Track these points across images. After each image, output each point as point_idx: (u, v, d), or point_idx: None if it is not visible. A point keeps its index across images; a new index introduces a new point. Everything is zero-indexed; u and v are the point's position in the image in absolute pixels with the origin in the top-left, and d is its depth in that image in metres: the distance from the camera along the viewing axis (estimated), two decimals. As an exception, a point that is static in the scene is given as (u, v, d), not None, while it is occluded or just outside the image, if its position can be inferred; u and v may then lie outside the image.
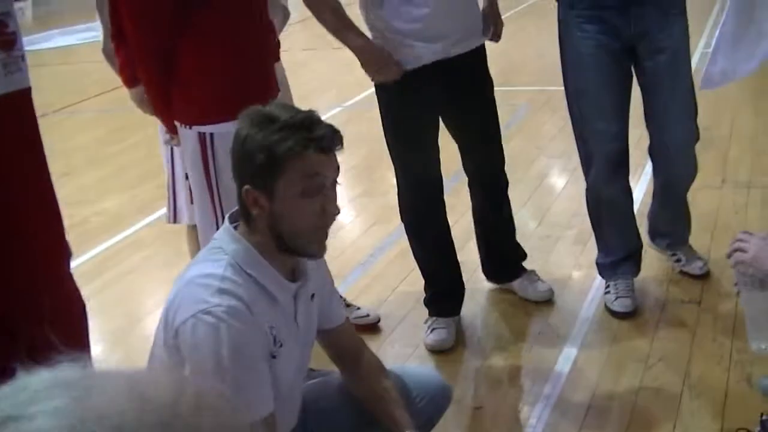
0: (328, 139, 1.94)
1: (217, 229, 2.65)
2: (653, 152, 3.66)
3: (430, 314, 3.63)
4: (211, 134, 2.70)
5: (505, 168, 3.74)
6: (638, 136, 3.92)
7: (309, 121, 1.93)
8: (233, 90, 2.68)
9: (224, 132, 2.62)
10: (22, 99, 0.92)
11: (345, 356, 2.35)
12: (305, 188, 1.94)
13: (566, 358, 3.36)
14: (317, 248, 2.04)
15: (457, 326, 3.61)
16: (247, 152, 1.94)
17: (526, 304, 3.80)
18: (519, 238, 3.96)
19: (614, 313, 3.65)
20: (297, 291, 2.08)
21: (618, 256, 3.72)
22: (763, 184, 4.73)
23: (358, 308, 3.73)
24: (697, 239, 3.99)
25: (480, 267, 3.94)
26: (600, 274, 3.81)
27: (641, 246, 3.81)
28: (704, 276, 3.85)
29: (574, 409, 3.03)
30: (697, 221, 4.07)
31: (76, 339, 1.07)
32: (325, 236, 2.02)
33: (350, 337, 2.39)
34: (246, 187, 1.96)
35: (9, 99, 0.90)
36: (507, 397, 3.17)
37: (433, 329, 3.56)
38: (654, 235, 4.04)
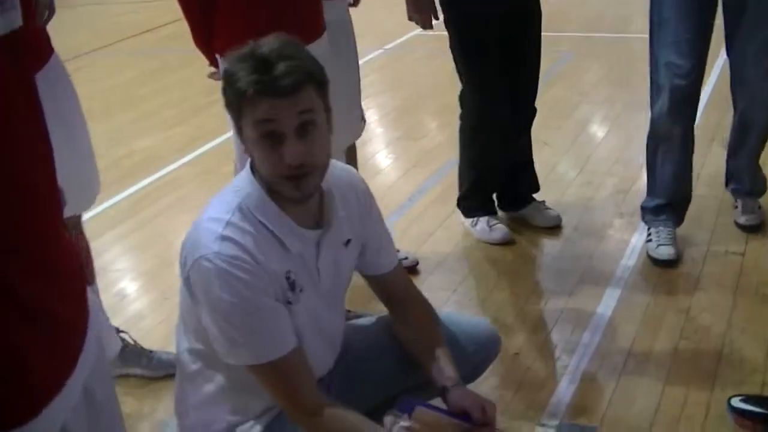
0: (281, 81, 1.81)
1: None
2: (734, 85, 3.58)
3: (480, 215, 3.91)
4: None
5: (547, 114, 3.68)
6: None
7: (269, 60, 1.82)
8: (276, 24, 2.60)
9: None
10: (17, 39, 0.88)
11: (393, 301, 2.32)
12: (260, 134, 1.86)
13: (606, 306, 3.30)
14: (291, 192, 1.92)
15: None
16: (224, 92, 1.91)
17: (567, 249, 3.75)
18: (559, 185, 3.89)
19: (656, 261, 3.59)
20: (319, 238, 2.04)
21: (664, 200, 3.66)
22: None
23: (397, 251, 3.68)
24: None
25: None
26: (642, 218, 3.76)
27: (689, 199, 3.73)
28: (751, 228, 3.77)
29: (613, 358, 2.98)
30: None
31: (73, 295, 1.04)
32: (298, 180, 1.90)
33: (399, 284, 2.33)
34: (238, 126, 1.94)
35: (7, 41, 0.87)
36: (545, 344, 3.12)
37: (493, 226, 3.87)
38: (728, 178, 3.95)
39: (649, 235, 3.68)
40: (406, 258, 3.65)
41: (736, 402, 2.65)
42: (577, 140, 5.00)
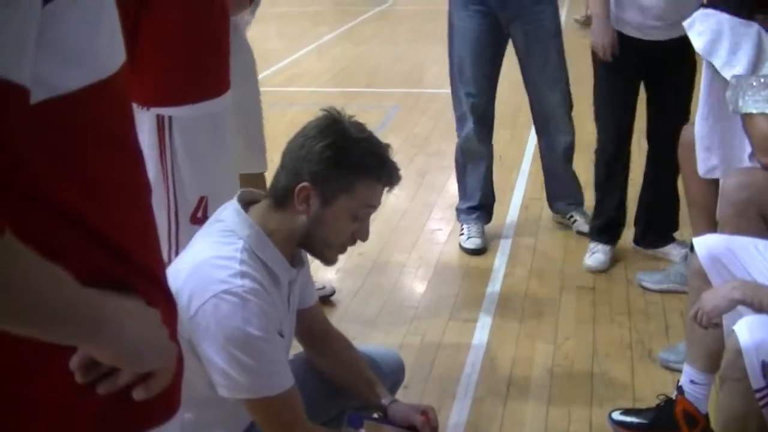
0: (396, 179, 2.10)
1: (169, 220, 2.69)
2: (534, 116, 4.46)
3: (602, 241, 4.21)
4: (170, 117, 2.63)
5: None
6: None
7: (388, 155, 2.08)
8: (193, 73, 2.65)
9: (183, 116, 2.61)
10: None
11: (314, 334, 2.43)
12: (359, 213, 2.08)
13: (479, 341, 3.52)
14: (331, 259, 2.17)
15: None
16: (324, 156, 2.01)
17: (433, 287, 3.98)
18: (409, 233, 4.08)
19: (466, 250, 4.34)
20: (295, 277, 2.17)
21: (475, 202, 4.45)
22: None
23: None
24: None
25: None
26: (457, 218, 4.53)
27: (493, 201, 4.55)
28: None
29: (496, 385, 3.20)
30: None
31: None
32: (343, 252, 2.16)
33: (320, 315, 2.48)
34: (305, 184, 2.03)
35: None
36: (429, 376, 3.29)
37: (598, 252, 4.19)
38: (549, 199, 4.61)
39: (462, 230, 4.43)
40: (323, 287, 3.81)
41: (617, 415, 2.93)
42: (419, 190, 5.26)
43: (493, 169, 4.51)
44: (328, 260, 2.17)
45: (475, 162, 4.42)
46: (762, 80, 2.84)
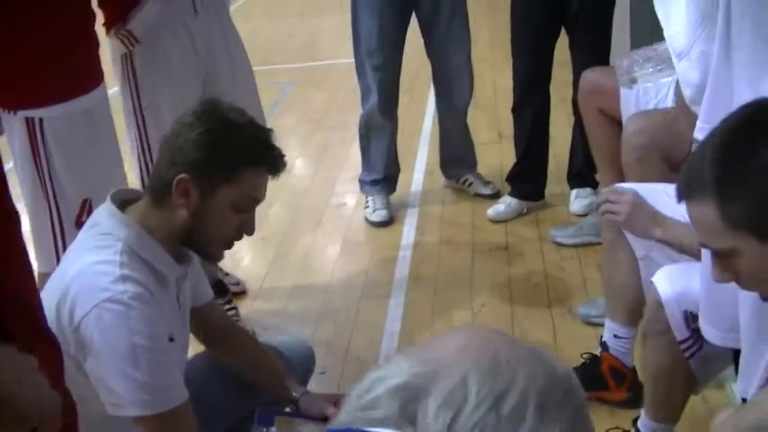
0: (282, 166, 1.93)
1: (53, 227, 2.52)
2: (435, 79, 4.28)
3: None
4: (40, 119, 2.44)
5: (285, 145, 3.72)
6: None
7: (272, 141, 1.92)
8: (58, 70, 2.44)
9: (54, 116, 2.44)
10: None
11: (214, 330, 2.28)
12: (241, 204, 1.90)
13: (393, 318, 3.37)
14: (218, 256, 2.03)
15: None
16: (202, 144, 1.84)
17: (341, 268, 3.82)
18: (313, 213, 3.91)
19: (372, 223, 4.18)
20: (183, 274, 2.00)
21: (379, 175, 4.28)
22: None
23: (226, 274, 3.67)
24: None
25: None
26: (361, 189, 4.37)
27: (398, 173, 4.38)
28: (505, 221, 4.04)
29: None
30: (487, 173, 4.34)
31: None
32: (229, 248, 2.00)
33: (217, 310, 2.34)
34: (183, 175, 1.85)
35: None
36: (347, 359, 3.14)
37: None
38: (445, 165, 4.46)
39: (367, 203, 4.29)
40: (237, 283, 3.66)
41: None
42: (320, 166, 5.09)
43: (396, 140, 4.35)
44: (213, 257, 2.04)
45: (379, 134, 4.26)
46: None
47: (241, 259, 3.96)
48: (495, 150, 4.78)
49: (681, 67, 2.61)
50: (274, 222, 4.32)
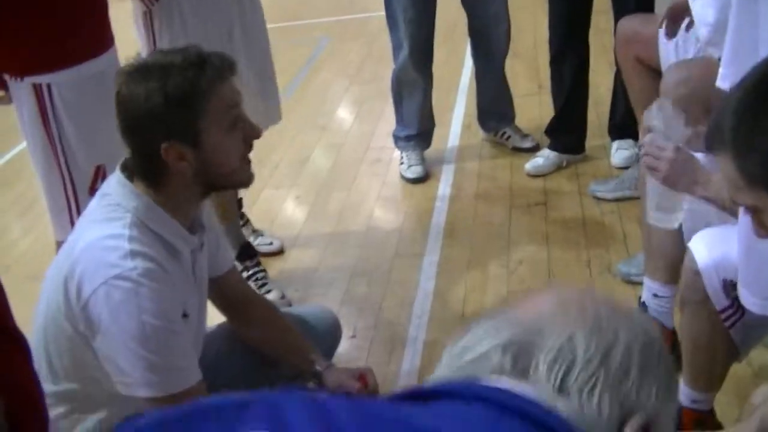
0: (227, 63, 1.81)
1: (66, 195, 2.48)
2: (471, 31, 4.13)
3: None
4: (48, 84, 2.38)
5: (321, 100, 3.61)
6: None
7: (203, 56, 1.79)
8: (65, 34, 2.38)
9: (62, 81, 2.39)
10: None
11: (236, 301, 2.21)
12: (230, 122, 1.81)
13: (428, 276, 3.29)
14: (248, 177, 1.92)
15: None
16: (155, 107, 1.74)
17: (374, 229, 3.73)
18: (350, 168, 3.83)
19: (408, 180, 4.09)
20: (198, 245, 1.93)
21: (413, 130, 4.17)
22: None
23: (261, 234, 3.61)
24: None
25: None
26: (395, 144, 4.27)
27: (433, 127, 4.26)
28: (544, 175, 3.92)
29: (448, 324, 2.97)
30: (527, 126, 4.22)
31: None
32: (249, 161, 1.91)
33: (239, 283, 2.26)
34: (164, 144, 1.77)
35: None
36: (378, 322, 3.06)
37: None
38: (483, 119, 4.32)
39: (402, 159, 4.18)
40: (271, 243, 3.61)
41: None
42: (355, 121, 4.99)
43: (432, 94, 4.21)
44: (244, 182, 1.94)
45: (412, 89, 4.13)
46: None
47: (275, 217, 3.89)
48: (534, 102, 4.63)
49: (696, 4, 2.46)
50: (308, 179, 4.25)
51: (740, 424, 1.55)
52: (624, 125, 3.83)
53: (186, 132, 1.77)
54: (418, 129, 4.18)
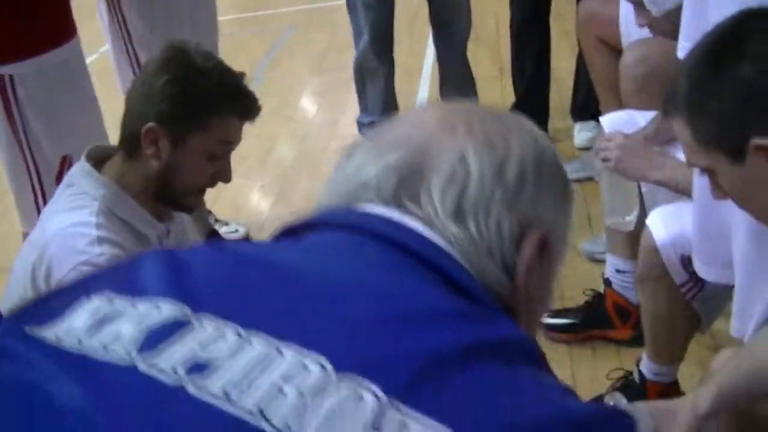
0: (255, 111, 1.87)
1: (33, 186, 2.47)
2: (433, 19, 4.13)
3: None
4: (10, 76, 2.37)
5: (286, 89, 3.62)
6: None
7: (242, 86, 1.85)
8: (27, 23, 2.36)
9: (25, 72, 2.38)
10: None
11: None
12: (215, 151, 1.85)
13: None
14: (194, 206, 1.97)
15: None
16: (169, 92, 1.79)
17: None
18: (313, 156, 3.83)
19: None
20: (165, 231, 1.95)
21: (377, 117, 4.11)
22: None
23: (227, 224, 3.61)
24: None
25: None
26: (359, 131, 4.24)
27: (398, 111, 4.08)
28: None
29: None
30: None
31: None
32: (203, 195, 1.98)
33: None
34: (151, 124, 1.79)
35: None
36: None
37: None
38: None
39: None
40: (236, 231, 3.63)
41: (546, 319, 2.74)
42: (320, 110, 5.00)
43: (394, 81, 4.23)
44: (188, 208, 1.96)
45: (374, 76, 4.16)
46: None
47: (241, 207, 3.90)
48: (496, 86, 4.67)
49: None
50: (274, 169, 4.25)
51: (700, 388, 1.58)
52: (586, 106, 3.86)
53: (177, 128, 1.80)
54: (381, 115, 4.18)
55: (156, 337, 0.69)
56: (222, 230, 3.53)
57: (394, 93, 4.24)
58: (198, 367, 0.66)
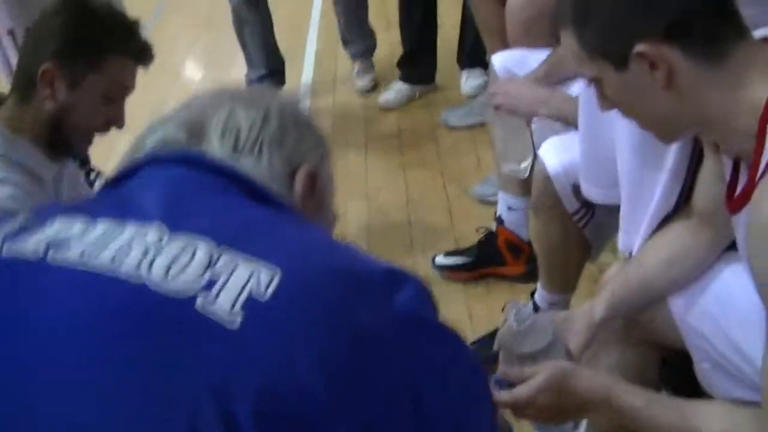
0: (149, 54, 1.88)
1: None
2: None
3: None
4: None
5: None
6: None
7: (137, 28, 1.85)
8: None
9: None
10: None
11: None
12: (111, 94, 1.84)
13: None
14: (83, 149, 1.96)
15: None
16: (65, 31, 1.79)
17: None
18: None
19: None
20: (59, 172, 1.93)
21: (265, 70, 4.13)
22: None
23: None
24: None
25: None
26: (248, 86, 4.03)
27: (284, 63, 4.21)
28: (397, 108, 4.00)
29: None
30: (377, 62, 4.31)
31: None
32: (91, 141, 1.93)
33: None
34: (47, 65, 1.77)
35: None
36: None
37: None
38: (345, 42, 4.33)
39: None
40: None
41: (440, 259, 2.80)
42: (208, 68, 4.93)
43: (273, 30, 4.18)
44: (79, 150, 1.97)
45: (252, 28, 4.10)
46: None
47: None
48: (384, 38, 4.67)
49: None
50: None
51: (594, 298, 1.65)
52: (473, 54, 3.91)
53: (74, 68, 1.78)
54: (267, 69, 4.15)
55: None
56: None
57: (275, 45, 4.20)
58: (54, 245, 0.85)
